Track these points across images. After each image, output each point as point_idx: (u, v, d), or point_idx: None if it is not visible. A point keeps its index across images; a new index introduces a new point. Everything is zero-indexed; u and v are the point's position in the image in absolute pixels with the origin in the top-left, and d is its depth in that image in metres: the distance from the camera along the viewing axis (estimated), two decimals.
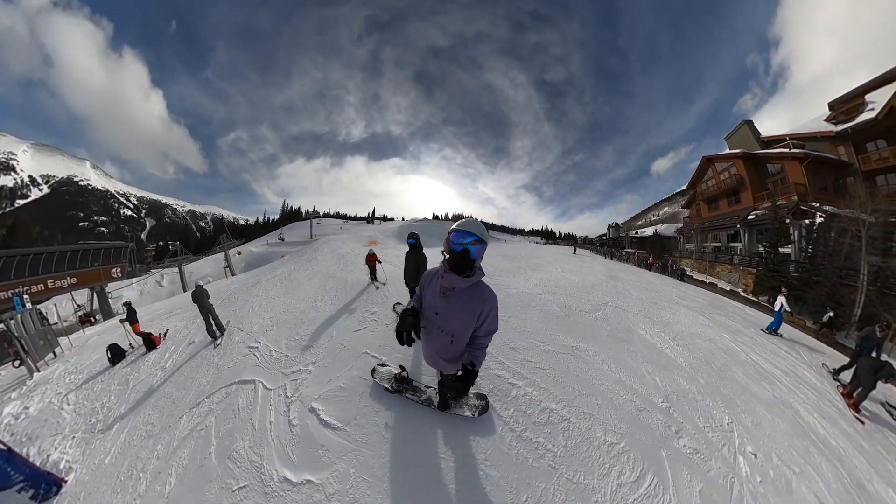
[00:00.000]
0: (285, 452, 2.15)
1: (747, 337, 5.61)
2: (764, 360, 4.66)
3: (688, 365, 3.76)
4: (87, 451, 2.90)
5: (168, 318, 6.69)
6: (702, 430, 2.63)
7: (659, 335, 4.55)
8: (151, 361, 4.42)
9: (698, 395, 3.12)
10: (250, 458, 2.18)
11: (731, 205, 18.42)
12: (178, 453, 2.46)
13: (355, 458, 2.01)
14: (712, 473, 2.20)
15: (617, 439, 2.29)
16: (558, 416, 2.39)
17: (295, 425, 2.36)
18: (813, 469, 2.52)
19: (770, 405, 3.33)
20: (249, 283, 8.02)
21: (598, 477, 1.95)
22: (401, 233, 27.56)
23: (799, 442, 2.83)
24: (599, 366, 3.25)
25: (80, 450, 2.94)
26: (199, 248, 42.85)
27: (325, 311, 4.60)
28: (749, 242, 15.89)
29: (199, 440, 2.51)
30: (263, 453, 2.18)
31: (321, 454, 2.08)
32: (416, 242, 3.69)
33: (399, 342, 1.52)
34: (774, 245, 12.40)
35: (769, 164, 15.99)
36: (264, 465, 2.09)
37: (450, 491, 1.80)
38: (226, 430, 2.51)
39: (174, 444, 2.57)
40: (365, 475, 1.89)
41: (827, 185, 13.57)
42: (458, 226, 1.45)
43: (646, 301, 6.55)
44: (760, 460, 2.45)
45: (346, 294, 5.34)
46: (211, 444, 2.42)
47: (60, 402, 3.81)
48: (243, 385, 3.09)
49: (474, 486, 1.82)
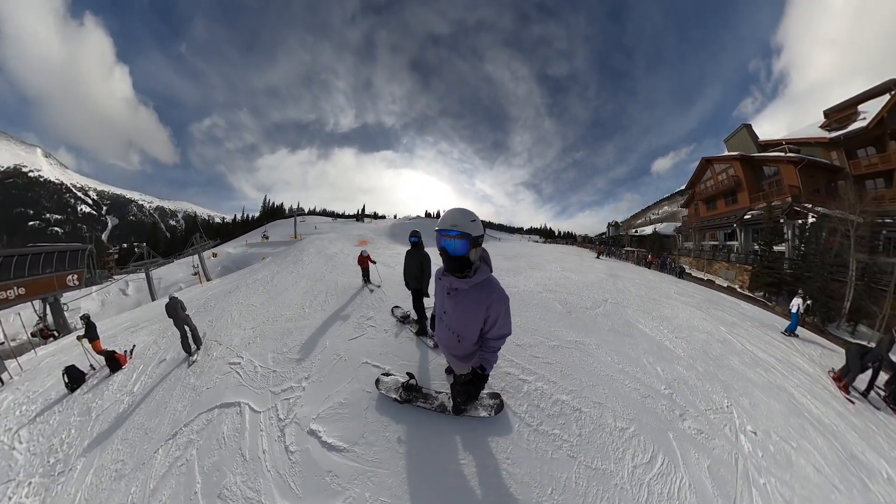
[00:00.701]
0: (286, 484, 1.98)
1: (743, 329, 6.02)
2: (759, 349, 5.00)
3: (686, 355, 3.97)
4: (48, 498, 2.60)
5: (134, 332, 6.21)
6: (703, 412, 2.78)
7: (658, 329, 4.77)
8: (117, 385, 4.07)
9: (698, 382, 3.31)
10: (245, 494, 1.98)
11: (728, 205, 20.03)
12: (156, 496, 2.22)
13: (369, 479, 1.88)
14: (717, 451, 2.35)
15: (627, 424, 2.40)
16: (570, 406, 2.46)
17: (293, 452, 2.18)
18: (809, 444, 2.78)
19: (766, 389, 3.60)
20: (227, 289, 7.59)
21: (614, 461, 2.04)
22: (393, 232, 26.69)
23: (795, 420, 3.10)
24: (603, 358, 3.36)
25: (38, 498, 2.63)
26: (169, 250, 40.07)
27: (315, 319, 4.38)
28: (745, 241, 17.25)
29: (181, 478, 2.27)
30: (260, 488, 1.99)
31: (329, 481, 1.92)
32: (419, 241, 3.62)
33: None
34: (769, 243, 13.63)
35: (765, 167, 17.48)
36: (263, 501, 1.91)
37: (477, 496, 1.76)
38: (211, 465, 2.28)
39: (151, 485, 2.32)
40: (383, 496, 1.77)
41: (819, 188, 15.05)
42: (439, 222, 1.32)
43: (645, 297, 6.88)
44: (760, 437, 2.63)
45: (337, 299, 5.12)
46: (196, 482, 2.19)
47: (11, 441, 3.41)
48: (227, 409, 2.84)
49: (500, 486, 1.81)
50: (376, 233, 26.16)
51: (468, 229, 1.27)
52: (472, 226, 1.29)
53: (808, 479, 2.37)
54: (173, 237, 57.48)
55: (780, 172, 16.21)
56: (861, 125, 13.91)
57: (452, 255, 1.33)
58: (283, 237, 37.31)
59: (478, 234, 1.30)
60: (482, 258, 1.47)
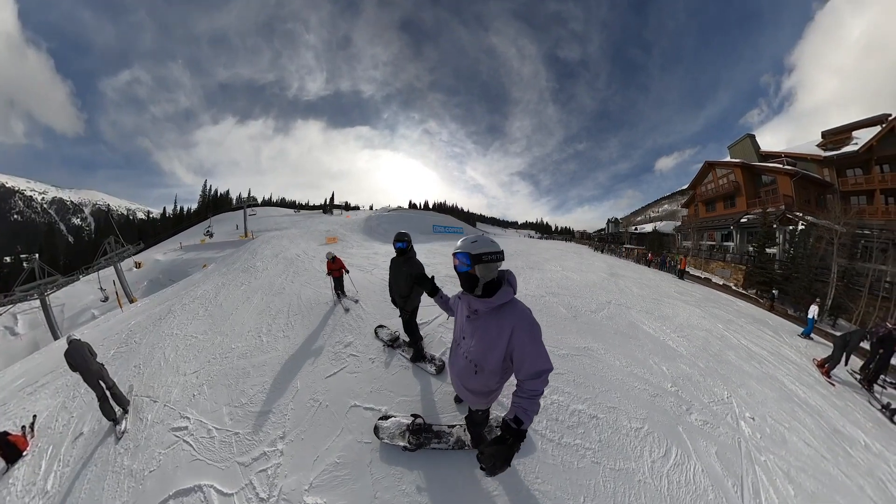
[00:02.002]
0: None
1: (738, 325, 7.29)
2: (752, 343, 6.12)
3: (688, 353, 4.75)
4: None
5: (33, 393, 4.94)
6: (707, 405, 3.41)
7: (661, 329, 5.58)
8: (21, 485, 3.17)
9: (700, 378, 4.02)
10: None
11: (726, 207, 24.35)
12: None
13: None
14: (722, 437, 2.94)
15: (640, 424, 2.87)
16: (587, 415, 2.86)
17: None
18: (799, 423, 3.59)
19: (760, 379, 4.49)
20: (157, 315, 6.55)
21: (633, 460, 2.46)
22: (369, 226, 24.40)
23: (786, 405, 3.94)
24: (612, 362, 3.89)
25: None
26: (72, 263, 33.14)
27: (278, 351, 3.96)
28: (740, 242, 21.05)
29: None
30: None
31: None
32: (408, 246, 3.14)
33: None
34: (762, 246, 16.86)
35: (764, 175, 21.73)
36: None
37: None
38: None
39: None
40: None
41: (810, 199, 19.11)
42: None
43: (647, 297, 7.86)
44: (758, 422, 3.31)
45: (303, 320, 4.70)
46: None
47: None
48: (185, 498, 2.41)
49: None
50: (348, 227, 23.57)
51: (467, 249, 1.53)
52: (472, 246, 1.53)
53: (801, 453, 3.07)
54: (79, 242, 46.83)
55: (777, 182, 20.42)
56: (853, 149, 18.25)
57: (459, 272, 1.58)
58: (230, 236, 32.52)
59: (478, 251, 1.51)
60: (507, 280, 1.58)
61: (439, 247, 18.72)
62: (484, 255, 1.51)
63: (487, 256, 1.52)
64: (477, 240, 1.56)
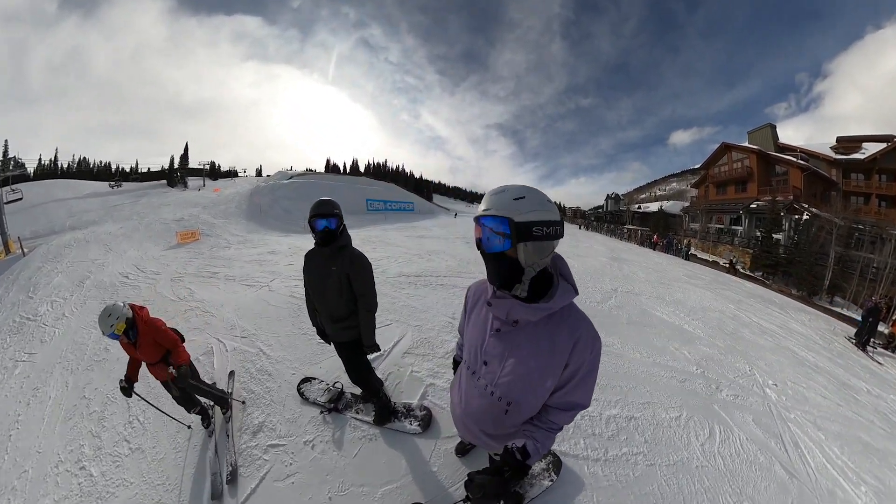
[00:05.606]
0: None
1: (748, 305, 10.87)
2: (763, 321, 9.33)
3: (705, 335, 6.72)
4: None
5: None
6: (733, 380, 4.88)
7: (675, 313, 7.74)
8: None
9: (721, 356, 5.77)
10: None
11: (737, 192, 34.64)
12: None
13: None
14: (754, 406, 4.38)
15: (678, 412, 3.93)
16: (623, 418, 3.69)
17: None
18: (814, 382, 5.74)
19: (775, 351, 6.89)
20: None
21: (684, 449, 3.39)
22: (256, 205, 20.58)
23: (800, 369, 6.21)
24: (632, 356, 5.07)
25: None
26: None
27: (127, 491, 2.75)
28: (749, 227, 30.91)
29: None
30: None
31: None
32: (338, 227, 2.63)
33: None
34: (769, 231, 25.53)
35: (777, 166, 31.93)
36: None
37: None
38: None
39: None
40: None
41: (816, 193, 29.15)
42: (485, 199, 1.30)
43: (655, 282, 10.27)
44: (780, 387, 4.95)
45: (155, 423, 3.34)
46: None
47: None
48: None
49: None
50: (219, 211, 19.09)
51: (506, 210, 1.21)
52: (515, 206, 1.22)
53: (821, 405, 4.78)
54: None
55: (789, 174, 30.57)
56: (860, 157, 29.25)
57: (488, 253, 1.30)
58: None
59: (525, 217, 1.21)
60: (559, 271, 1.43)
61: (380, 233, 17.06)
62: (536, 225, 1.21)
63: (541, 228, 1.22)
64: (524, 195, 1.23)
